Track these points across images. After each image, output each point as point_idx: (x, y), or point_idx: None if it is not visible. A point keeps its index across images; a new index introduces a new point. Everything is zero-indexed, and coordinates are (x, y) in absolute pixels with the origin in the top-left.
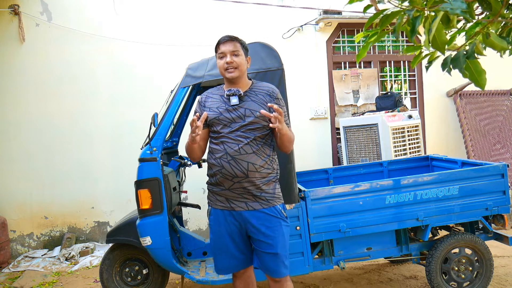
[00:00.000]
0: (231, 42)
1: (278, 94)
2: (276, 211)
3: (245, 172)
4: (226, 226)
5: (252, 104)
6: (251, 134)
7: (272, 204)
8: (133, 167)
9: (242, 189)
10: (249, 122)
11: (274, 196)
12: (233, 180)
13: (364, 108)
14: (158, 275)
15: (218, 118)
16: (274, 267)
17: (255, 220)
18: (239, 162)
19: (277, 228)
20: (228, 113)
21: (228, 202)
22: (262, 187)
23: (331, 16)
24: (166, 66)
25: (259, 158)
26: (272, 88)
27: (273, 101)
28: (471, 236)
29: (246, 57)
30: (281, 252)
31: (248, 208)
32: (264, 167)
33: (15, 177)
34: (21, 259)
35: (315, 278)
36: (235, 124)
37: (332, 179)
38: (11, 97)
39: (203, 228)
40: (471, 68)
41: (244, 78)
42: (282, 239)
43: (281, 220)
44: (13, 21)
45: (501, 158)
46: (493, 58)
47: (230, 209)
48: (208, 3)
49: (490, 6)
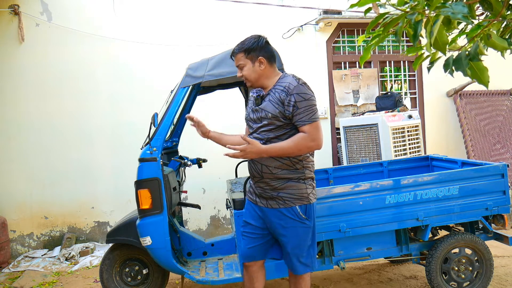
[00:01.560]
0: (235, 57)
1: (295, 88)
2: (294, 212)
3: (260, 173)
4: (252, 216)
5: (268, 104)
6: (264, 135)
7: (289, 205)
8: (133, 167)
9: (261, 188)
10: (263, 124)
11: (293, 196)
12: (254, 179)
13: (364, 108)
14: (158, 275)
15: (247, 118)
16: (288, 263)
17: (273, 217)
18: (255, 163)
19: (291, 229)
20: (253, 113)
21: (255, 196)
22: (278, 187)
23: (331, 16)
24: (166, 66)
25: (275, 160)
26: (289, 83)
27: (287, 98)
28: (471, 236)
29: (256, 59)
30: (292, 251)
31: (268, 206)
32: (281, 168)
33: (15, 177)
34: (21, 259)
35: (315, 278)
36: (255, 125)
37: (332, 179)
38: (10, 97)
39: (203, 228)
40: (474, 67)
41: (266, 79)
42: (295, 240)
43: (297, 221)
44: (13, 21)
45: (501, 158)
46: (493, 58)
47: (255, 203)
48: (208, 3)
49: (491, 6)
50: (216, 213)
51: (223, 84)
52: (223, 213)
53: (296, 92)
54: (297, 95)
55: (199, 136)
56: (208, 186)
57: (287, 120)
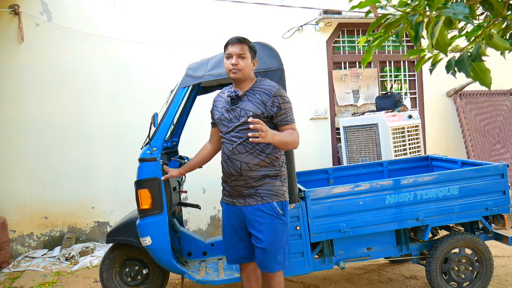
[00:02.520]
0: (239, 44)
1: (277, 91)
2: (271, 207)
3: (238, 171)
4: (231, 219)
5: (248, 104)
6: (244, 134)
7: (266, 201)
8: (133, 167)
9: (239, 186)
10: (242, 122)
11: (271, 193)
12: (231, 178)
13: (364, 108)
14: (158, 275)
15: (220, 118)
16: (262, 261)
17: (251, 215)
18: (233, 161)
19: (269, 225)
20: (228, 113)
21: (231, 198)
22: (256, 184)
23: (331, 16)
24: (166, 66)
25: (254, 157)
26: (270, 86)
27: (270, 99)
28: (471, 236)
29: (253, 59)
30: (270, 247)
31: (245, 204)
32: (260, 165)
33: (15, 177)
34: (21, 259)
35: (315, 278)
36: (231, 124)
37: (332, 179)
38: (10, 97)
39: (203, 228)
40: (476, 68)
41: (249, 79)
42: (272, 236)
43: (275, 217)
44: (13, 21)
45: (501, 158)
46: (493, 58)
47: (233, 204)
48: (208, 3)
49: (492, 6)
50: (216, 213)
51: (223, 84)
52: None
53: (279, 95)
54: (280, 97)
55: (199, 136)
56: (208, 186)
57: (266, 119)
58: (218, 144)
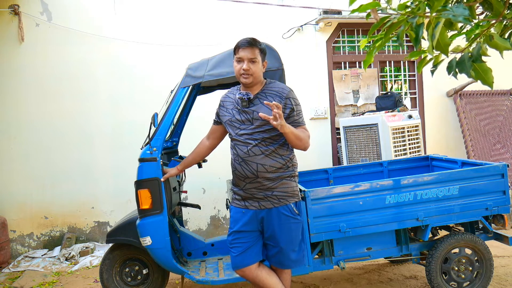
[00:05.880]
0: (251, 48)
1: (289, 93)
2: (288, 209)
3: (255, 173)
4: (241, 223)
5: (261, 107)
6: (259, 136)
7: (284, 203)
8: (133, 167)
9: (254, 189)
10: (256, 125)
11: (287, 194)
12: (245, 181)
13: (364, 108)
14: (158, 275)
15: (231, 119)
16: (279, 259)
17: (267, 218)
18: (249, 163)
19: (286, 225)
20: (240, 115)
21: (243, 201)
22: (272, 186)
23: (331, 16)
24: (166, 66)
25: (270, 159)
26: (282, 89)
27: (282, 102)
28: (471, 236)
29: (263, 61)
30: (285, 246)
31: (261, 207)
32: (276, 166)
33: (15, 177)
34: (21, 259)
35: (315, 278)
36: (244, 126)
37: (332, 179)
38: (11, 97)
39: (203, 228)
40: (477, 68)
41: (259, 82)
42: (288, 236)
43: (291, 217)
44: (13, 21)
45: (501, 158)
46: (493, 58)
47: (245, 208)
48: (208, 3)
49: (492, 6)
50: (216, 213)
51: (223, 84)
52: (223, 213)
53: (291, 97)
54: (292, 99)
55: (199, 136)
56: (208, 186)
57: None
58: (217, 141)
